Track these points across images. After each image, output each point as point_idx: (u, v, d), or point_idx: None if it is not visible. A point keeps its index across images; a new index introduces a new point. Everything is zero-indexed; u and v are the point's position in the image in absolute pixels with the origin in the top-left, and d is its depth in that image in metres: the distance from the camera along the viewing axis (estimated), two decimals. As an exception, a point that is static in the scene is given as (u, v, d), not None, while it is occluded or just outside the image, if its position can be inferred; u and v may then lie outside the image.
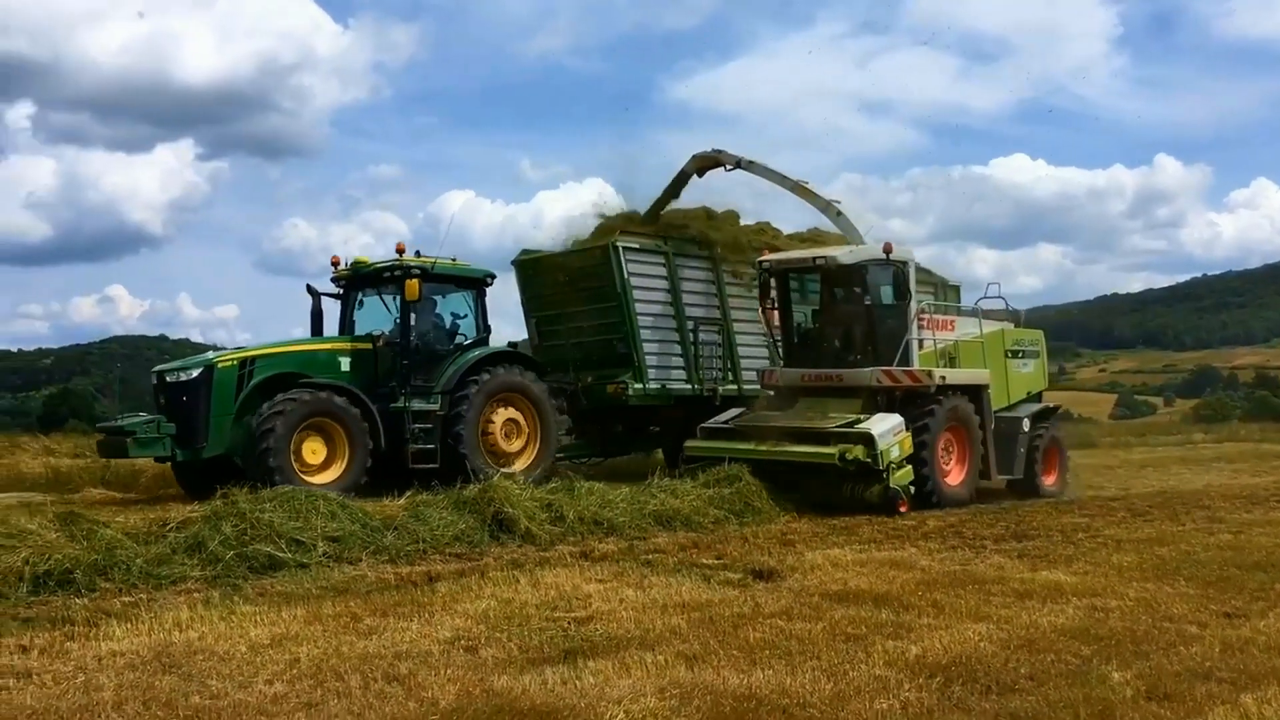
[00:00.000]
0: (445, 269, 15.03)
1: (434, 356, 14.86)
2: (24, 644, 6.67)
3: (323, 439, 13.46)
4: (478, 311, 15.67)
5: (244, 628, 7.14)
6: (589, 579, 9.00)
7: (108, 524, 9.35)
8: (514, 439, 15.07)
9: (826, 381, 15.32)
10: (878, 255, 14.78)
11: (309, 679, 5.94)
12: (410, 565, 9.61)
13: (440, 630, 7.14)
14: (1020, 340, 17.39)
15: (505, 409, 14.96)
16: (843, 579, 9.06)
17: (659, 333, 17.21)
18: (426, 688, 5.77)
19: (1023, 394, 17.13)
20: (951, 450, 15.15)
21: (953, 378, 15.28)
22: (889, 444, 13.73)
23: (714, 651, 6.57)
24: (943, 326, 16.03)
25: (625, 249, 16.68)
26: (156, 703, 5.47)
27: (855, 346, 15.15)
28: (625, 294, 16.59)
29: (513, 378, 15.04)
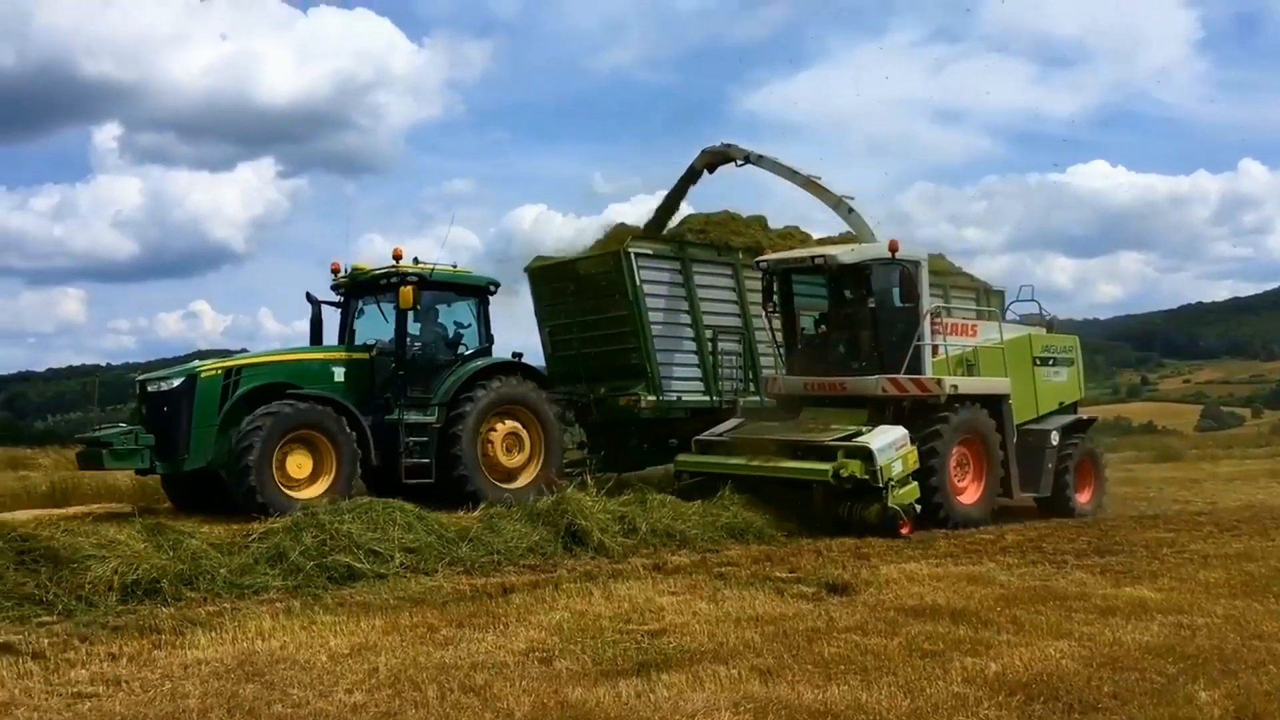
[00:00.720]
0: (444, 276, 14.33)
1: (433, 367, 14.23)
2: (113, 652, 6.86)
3: (309, 453, 12.72)
4: (481, 321, 14.93)
5: (324, 637, 7.27)
6: (662, 591, 9.01)
7: (193, 534, 9.58)
8: (515, 453, 14.23)
9: (830, 390, 14.39)
10: (882, 254, 13.80)
11: (387, 689, 6.03)
12: (485, 577, 9.71)
13: (515, 641, 7.20)
14: (1051, 346, 16.32)
15: (507, 422, 14.17)
16: (919, 594, 8.95)
17: (674, 342, 16.36)
18: (502, 698, 5.82)
19: (1054, 404, 16.10)
20: (967, 466, 14.13)
21: (966, 387, 14.23)
22: (890, 459, 12.72)
23: (788, 666, 6.53)
24: (961, 331, 14.99)
25: (637, 255, 15.85)
26: (240, 710, 5.60)
27: (860, 353, 14.21)
28: (637, 302, 15.78)
29: (514, 390, 14.25)
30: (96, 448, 12.66)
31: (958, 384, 14.02)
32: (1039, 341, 16.09)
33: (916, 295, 13.81)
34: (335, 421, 12.81)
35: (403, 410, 13.57)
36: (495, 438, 13.98)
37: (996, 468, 14.28)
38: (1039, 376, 15.85)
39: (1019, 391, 15.12)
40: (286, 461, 12.48)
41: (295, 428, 12.54)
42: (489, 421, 13.96)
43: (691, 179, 17.42)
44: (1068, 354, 16.57)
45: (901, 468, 12.80)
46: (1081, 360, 16.82)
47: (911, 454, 12.95)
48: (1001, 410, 14.58)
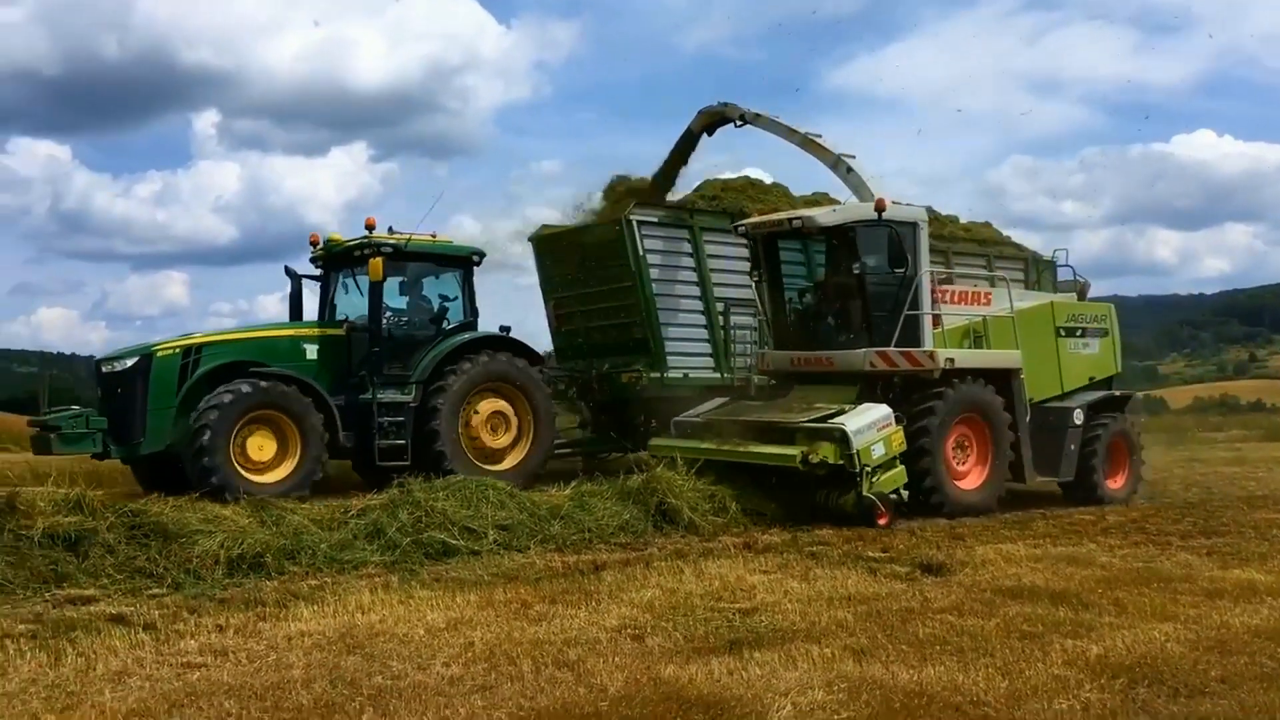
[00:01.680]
0: (421, 246, 13.61)
1: (413, 343, 13.54)
2: (220, 623, 7.09)
3: (272, 434, 12.13)
4: (466, 293, 14.16)
5: (421, 611, 7.41)
6: (753, 570, 8.99)
7: (294, 510, 9.84)
8: (501, 433, 13.52)
9: (817, 366, 13.27)
10: (868, 215, 12.54)
11: (483, 662, 6.13)
12: (577, 554, 9.79)
13: (607, 618, 7.25)
14: (1079, 315, 14.88)
15: (491, 400, 13.48)
16: (1016, 574, 8.78)
17: (681, 315, 15.39)
18: (595, 674, 5.87)
19: (1083, 380, 14.69)
20: (968, 448, 12.90)
21: (966, 360, 12.92)
22: (868, 441, 11.50)
23: (882, 646, 6.47)
24: (971, 300, 13.74)
25: (641, 223, 14.89)
26: (342, 681, 5.74)
27: (849, 324, 13.06)
28: (641, 272, 14.87)
29: (499, 366, 13.52)
30: (46, 432, 12.15)
31: (954, 357, 12.76)
32: (1063, 310, 14.75)
33: (906, 260, 12.53)
34: (299, 401, 12.22)
35: (377, 388, 12.98)
36: (478, 417, 13.33)
37: (1004, 450, 13.02)
38: (1064, 349, 14.54)
39: (1037, 365, 13.93)
40: (247, 443, 11.95)
41: (255, 408, 11.96)
42: (472, 400, 13.34)
43: (689, 142, 16.29)
44: (1099, 324, 15.13)
45: (883, 451, 11.60)
46: (1118, 331, 15.38)
47: (897, 435, 11.76)
48: (1011, 386, 13.34)
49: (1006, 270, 17.19)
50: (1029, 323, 13.99)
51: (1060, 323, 14.57)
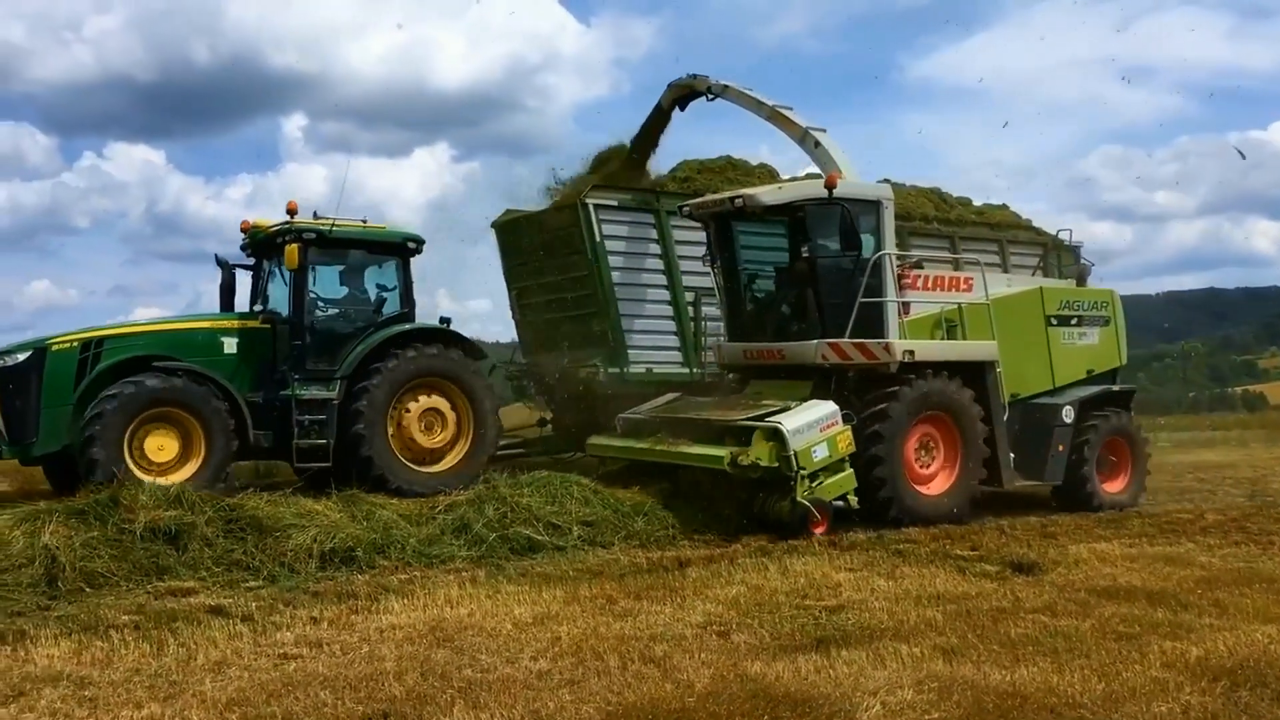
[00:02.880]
0: (347, 233, 12.51)
1: (343, 336, 12.47)
2: (315, 616, 7.26)
3: (175, 433, 11.21)
4: (402, 283, 13.08)
5: (508, 606, 7.49)
6: (838, 567, 8.92)
7: (384, 506, 10.02)
8: (437, 432, 12.41)
9: (769, 359, 12.29)
10: (817, 193, 11.48)
11: (570, 657, 6.18)
12: (661, 550, 9.81)
13: (692, 615, 7.26)
14: (1074, 303, 13.63)
15: (426, 397, 12.38)
16: (1111, 574, 8.58)
17: (646, 306, 14.36)
18: (682, 670, 5.88)
19: (1079, 373, 13.50)
20: (934, 449, 11.84)
21: (928, 352, 11.79)
22: (809, 442, 10.53)
23: (973, 645, 6.36)
24: (947, 286, 12.53)
25: (598, 206, 13.86)
26: (433, 674, 5.83)
27: (801, 313, 12.06)
28: (598, 259, 13.85)
29: (433, 360, 12.38)
30: None
31: (915, 349, 11.65)
32: (1055, 296, 13.54)
33: (860, 242, 11.47)
34: (204, 398, 11.31)
35: (299, 385, 11.98)
36: (411, 415, 12.27)
37: (975, 452, 11.89)
38: (1056, 339, 13.34)
39: (1022, 357, 12.83)
40: (145, 443, 11.04)
41: (153, 405, 11.05)
42: (404, 397, 12.28)
43: (659, 117, 15.29)
44: (1099, 312, 13.85)
45: (827, 453, 10.64)
46: (1122, 319, 14.11)
47: (844, 436, 10.80)
48: (986, 380, 12.22)
49: (1022, 256, 16.39)
50: (1012, 311, 12.84)
51: (1051, 311, 13.38)
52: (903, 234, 15.32)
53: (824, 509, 10.52)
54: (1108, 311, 13.95)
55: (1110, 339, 13.93)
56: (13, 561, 8.04)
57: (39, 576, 7.96)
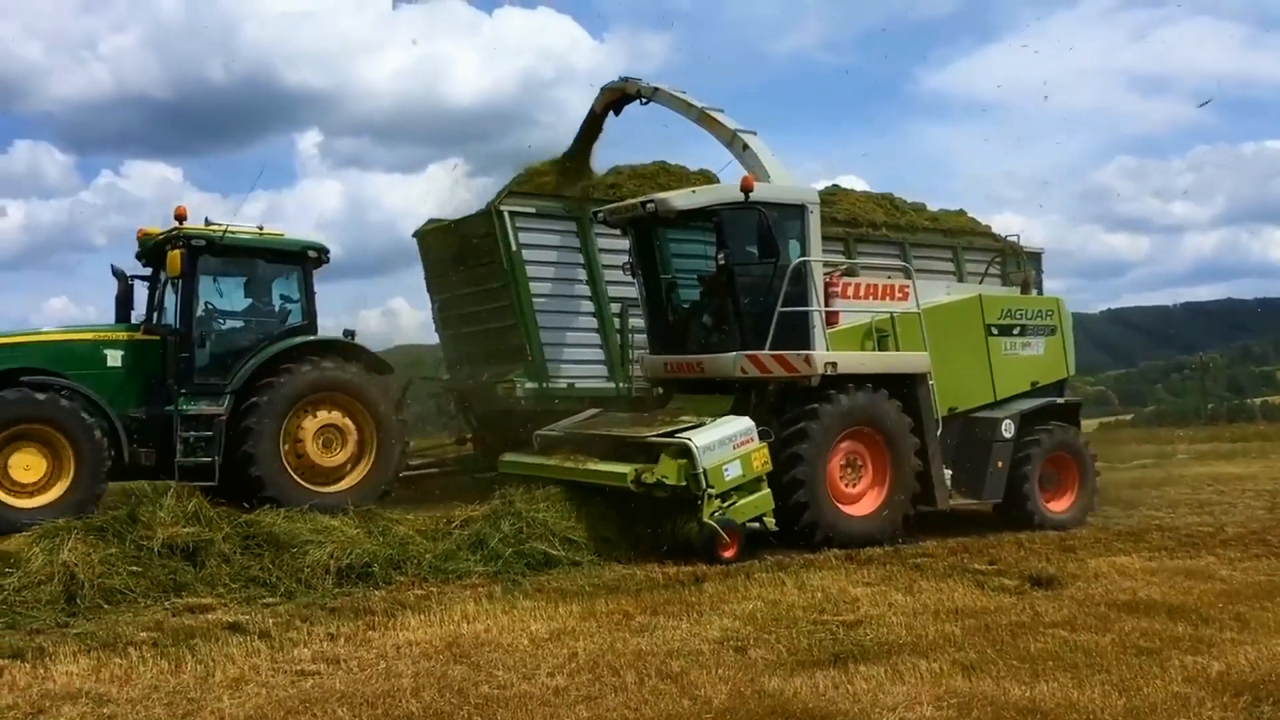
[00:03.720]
0: (240, 241, 11.92)
1: (238, 349, 11.88)
2: (332, 632, 7.27)
3: (44, 452, 10.58)
4: (304, 294, 12.43)
5: (525, 622, 7.49)
6: (855, 582, 8.89)
7: (399, 521, 10.03)
8: (336, 450, 11.82)
9: (689, 372, 11.75)
10: (733, 196, 10.96)
11: (587, 673, 6.16)
12: (677, 565, 9.78)
13: (709, 630, 7.24)
14: (1017, 311, 12.98)
15: (324, 412, 11.76)
16: (1131, 588, 8.52)
17: (567, 318, 13.76)
18: (699, 686, 5.86)
19: (1023, 385, 12.85)
20: (861, 467, 11.21)
21: (851, 364, 11.17)
22: (720, 459, 9.97)
23: (992, 661, 6.33)
24: (881, 294, 11.90)
25: (515, 214, 13.28)
26: (450, 690, 5.83)
27: (722, 324, 11.53)
28: (514, 270, 13.24)
29: (330, 374, 11.75)
30: None
31: (838, 361, 11.04)
32: (996, 305, 12.83)
33: (776, 249, 10.82)
34: (71, 414, 10.66)
35: (185, 399, 11.41)
36: (307, 432, 11.67)
37: (906, 469, 11.26)
38: (996, 349, 12.66)
39: (959, 369, 12.21)
40: (10, 462, 10.47)
41: (13, 422, 10.44)
42: (300, 413, 11.65)
43: (592, 123, 14.58)
44: (1045, 321, 13.20)
45: (740, 471, 10.09)
46: (1070, 328, 13.48)
47: (759, 454, 10.25)
48: (918, 394, 11.59)
49: (978, 263, 15.94)
50: (948, 320, 12.26)
51: (992, 320, 12.71)
52: (850, 241, 15.18)
53: (733, 531, 9.92)
54: (1053, 320, 13.32)
55: (1056, 349, 13.30)
56: (32, 578, 8.08)
57: (58, 593, 8.00)
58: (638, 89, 13.82)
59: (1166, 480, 17.61)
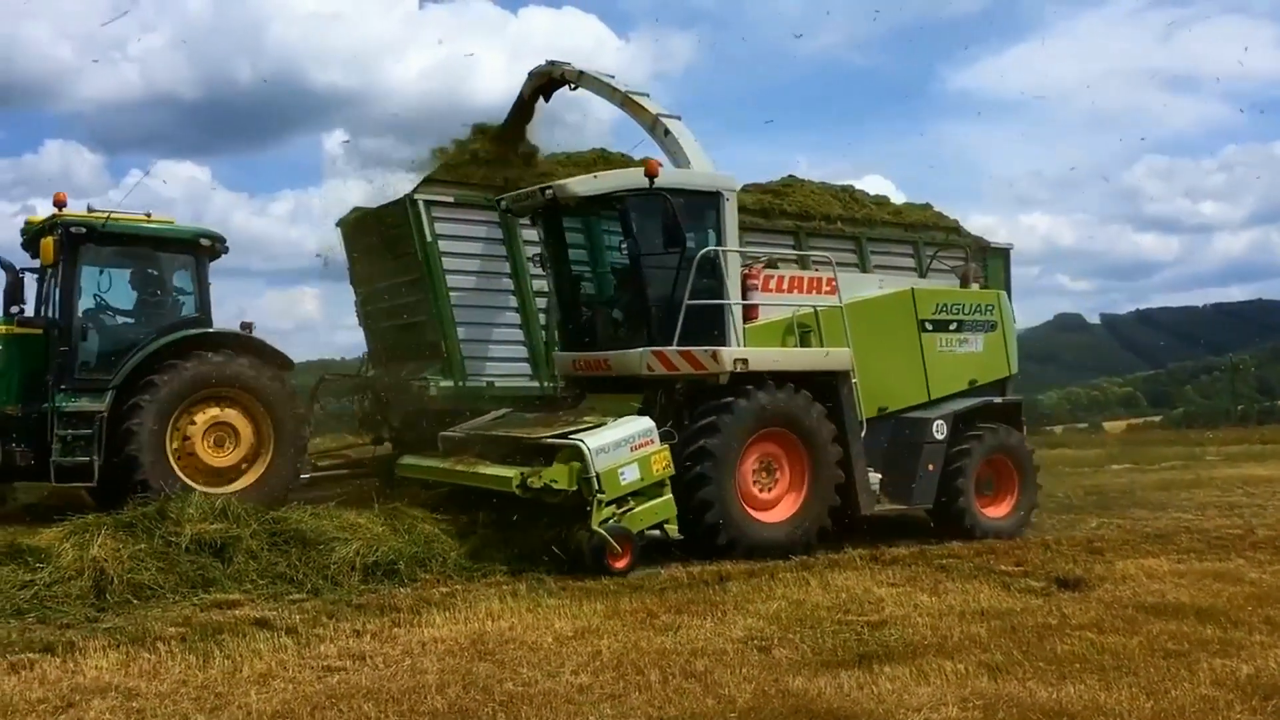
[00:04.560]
0: (125, 228, 11.40)
1: (127, 343, 11.43)
2: (358, 628, 7.30)
3: None
4: (198, 286, 11.93)
5: (549, 620, 7.50)
6: (880, 582, 8.86)
7: (425, 519, 10.06)
8: (229, 450, 11.40)
9: (596, 370, 11.16)
10: (636, 182, 10.33)
11: (611, 671, 6.17)
12: (701, 565, 9.77)
13: (733, 629, 7.24)
14: (954, 306, 12.29)
15: (216, 409, 11.33)
16: (1159, 590, 8.45)
17: (488, 313, 13.05)
18: (723, 685, 5.86)
19: (960, 384, 12.18)
20: (777, 470, 10.59)
21: (763, 361, 10.52)
22: (615, 462, 9.37)
23: (1018, 662, 6.29)
24: (806, 288, 11.29)
25: (429, 203, 12.52)
26: (475, 687, 5.85)
27: (628, 318, 11.00)
28: (430, 262, 12.54)
29: (222, 369, 11.26)
30: None
31: (748, 358, 10.41)
32: (930, 299, 12.15)
33: (681, 238, 10.23)
34: None
35: (61, 396, 10.98)
36: (196, 429, 11.23)
37: (826, 473, 10.63)
38: (930, 346, 11.99)
39: (888, 366, 11.63)
40: None
41: None
42: (189, 410, 11.23)
43: (520, 109, 13.91)
44: (984, 316, 12.49)
45: (637, 475, 9.47)
46: (1011, 324, 12.91)
47: (659, 457, 9.64)
48: (840, 393, 11.01)
49: (944, 258, 15.20)
50: (877, 315, 11.66)
51: (925, 315, 12.02)
52: (800, 234, 14.62)
53: (625, 539, 9.25)
54: (994, 315, 12.58)
55: (997, 346, 12.58)
56: (62, 574, 8.15)
57: (88, 588, 8.07)
58: (561, 72, 13.29)
59: (1195, 482, 17.46)
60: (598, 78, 12.97)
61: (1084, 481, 18.24)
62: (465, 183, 13.14)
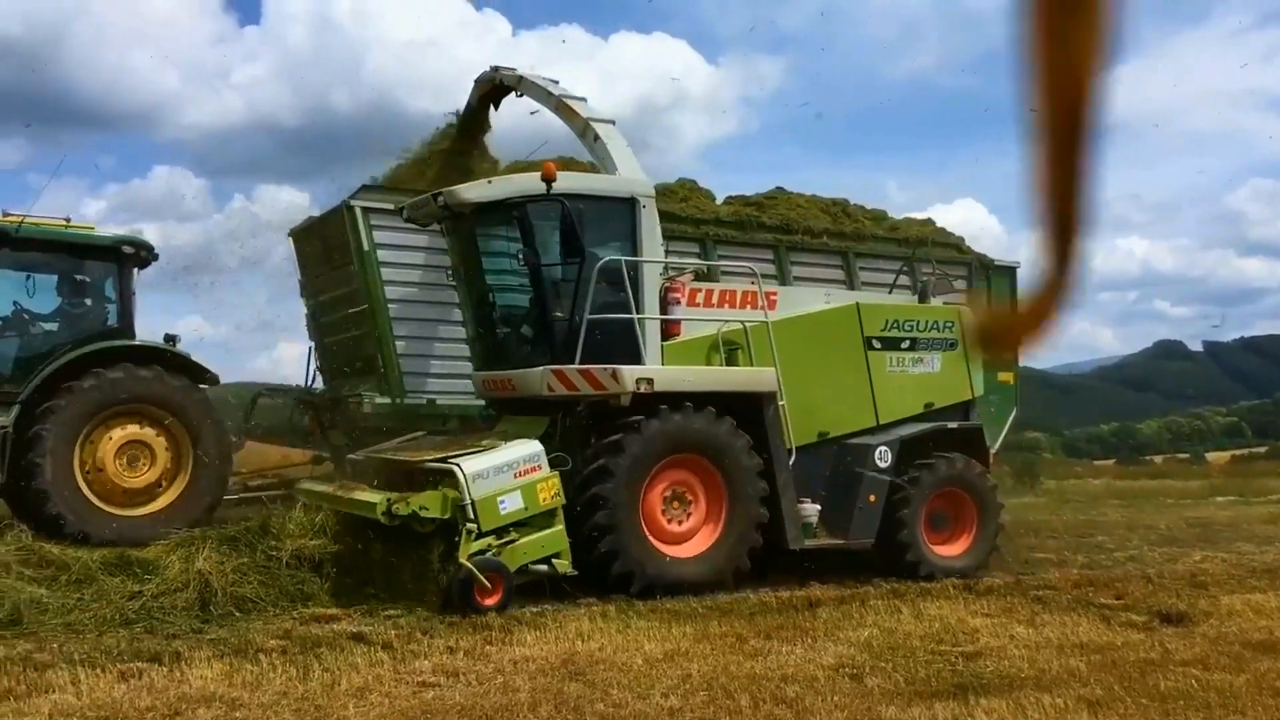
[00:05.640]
0: (40, 233, 10.88)
1: (41, 354, 10.92)
2: (451, 645, 7.40)
3: None
4: (120, 295, 11.40)
5: (638, 641, 7.53)
6: (974, 613, 8.71)
7: None
8: (143, 468, 10.84)
9: (502, 390, 10.52)
10: (533, 188, 9.59)
11: (701, 694, 6.17)
12: (790, 590, 9.71)
13: (824, 656, 7.18)
14: (906, 322, 11.17)
15: (133, 426, 10.77)
16: (1268, 627, 8.17)
17: (429, 327, 12.45)
18: (814, 712, 5.82)
19: (914, 408, 11.11)
20: (692, 502, 9.72)
21: (670, 381, 9.64)
22: (496, 489, 8.62)
23: (1119, 698, 6.14)
24: (739, 303, 10.47)
25: (367, 210, 11.98)
26: (566, 707, 5.90)
27: (535, 334, 10.32)
28: (367, 272, 11.97)
29: (138, 384, 10.71)
30: None
31: (653, 377, 9.54)
32: (877, 315, 11.06)
33: (580, 248, 9.45)
34: None
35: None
36: (108, 448, 10.71)
37: (746, 504, 9.68)
38: (879, 366, 10.95)
39: (829, 387, 10.68)
40: None
41: None
42: (104, 426, 10.71)
43: (469, 117, 13.48)
44: (942, 334, 11.36)
45: (520, 504, 8.71)
46: None
47: (546, 485, 8.87)
48: (764, 416, 10.11)
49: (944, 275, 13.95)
50: (817, 331, 10.73)
51: (873, 332, 10.98)
52: (780, 249, 13.97)
53: (497, 575, 8.43)
54: (953, 334, 11.37)
55: (957, 366, 11.40)
56: (169, 585, 8.44)
57: (193, 600, 8.34)
58: (502, 78, 12.75)
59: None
60: (536, 83, 12.33)
61: (1186, 514, 17.69)
62: (405, 189, 12.55)
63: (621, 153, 10.85)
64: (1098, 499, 21.77)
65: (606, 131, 11.13)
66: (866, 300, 11.51)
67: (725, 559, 9.64)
